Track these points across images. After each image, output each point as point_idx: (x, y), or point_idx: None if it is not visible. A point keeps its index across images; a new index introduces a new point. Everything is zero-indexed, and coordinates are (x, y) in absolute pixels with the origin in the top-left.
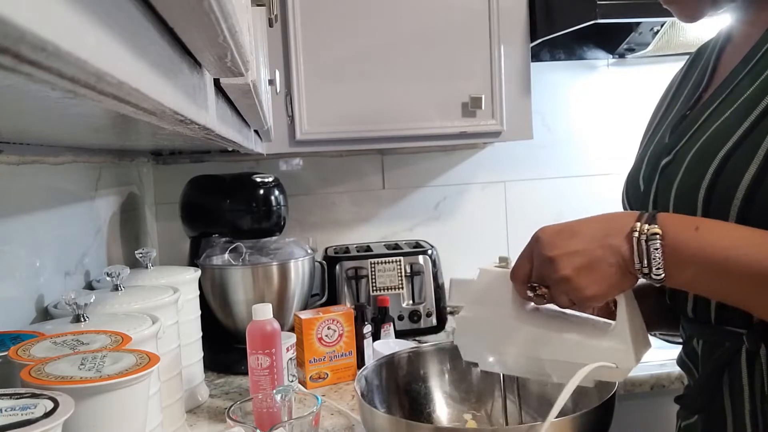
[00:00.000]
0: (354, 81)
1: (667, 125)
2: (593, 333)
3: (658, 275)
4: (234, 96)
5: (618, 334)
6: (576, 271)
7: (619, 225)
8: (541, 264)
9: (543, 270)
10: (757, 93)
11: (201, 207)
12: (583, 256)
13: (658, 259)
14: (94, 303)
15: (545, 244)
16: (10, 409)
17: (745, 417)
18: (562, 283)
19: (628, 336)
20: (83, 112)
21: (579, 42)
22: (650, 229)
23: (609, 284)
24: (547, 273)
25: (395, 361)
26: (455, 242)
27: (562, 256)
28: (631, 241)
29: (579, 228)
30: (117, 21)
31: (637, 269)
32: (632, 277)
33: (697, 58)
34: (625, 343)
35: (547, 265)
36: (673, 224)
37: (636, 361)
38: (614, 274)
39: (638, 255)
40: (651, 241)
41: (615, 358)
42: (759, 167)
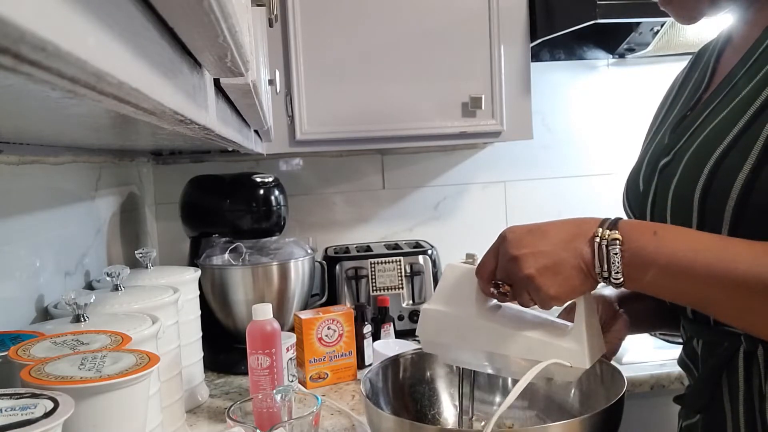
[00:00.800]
0: (354, 81)
1: (668, 126)
2: (551, 332)
3: (616, 279)
4: (234, 96)
5: (574, 335)
6: (539, 271)
7: (584, 229)
8: (506, 262)
9: (507, 268)
10: (752, 92)
11: (201, 207)
12: (547, 257)
13: (617, 264)
14: (94, 303)
15: (512, 243)
16: (10, 409)
17: (740, 416)
18: (524, 281)
19: (584, 338)
20: (83, 112)
21: (579, 42)
22: (611, 234)
23: (570, 286)
24: (511, 271)
25: (399, 363)
26: (455, 242)
27: (527, 255)
28: (593, 245)
29: (546, 230)
30: (117, 21)
31: (597, 273)
32: (592, 281)
33: (698, 59)
34: (580, 344)
35: (512, 263)
36: (632, 230)
37: (590, 363)
38: (576, 276)
39: (599, 259)
40: (611, 246)
41: (570, 358)
42: (753, 167)
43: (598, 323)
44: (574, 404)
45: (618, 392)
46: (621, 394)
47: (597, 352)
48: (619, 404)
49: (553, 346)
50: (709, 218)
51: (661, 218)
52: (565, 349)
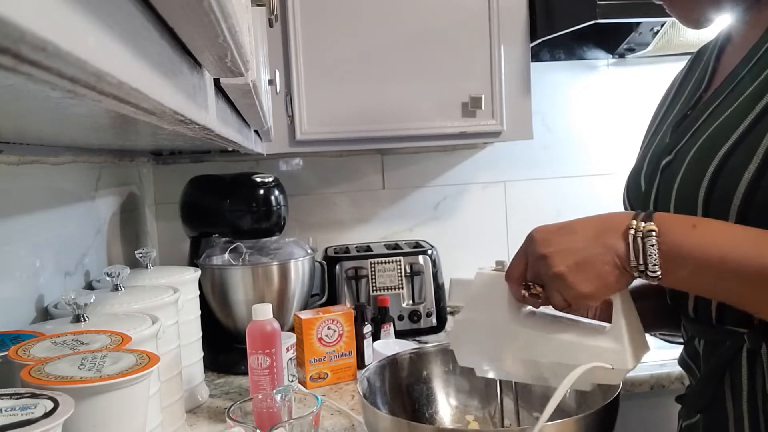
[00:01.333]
0: (354, 81)
1: (668, 125)
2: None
3: (654, 272)
4: (234, 96)
5: (613, 334)
6: (570, 268)
7: (615, 223)
8: (535, 262)
9: (537, 268)
10: (756, 92)
11: (201, 207)
12: (578, 254)
13: (654, 257)
14: (94, 303)
15: (539, 242)
16: (10, 409)
17: (744, 416)
18: (556, 280)
19: (624, 336)
20: (83, 112)
21: (579, 42)
22: (646, 226)
23: (604, 282)
24: (541, 271)
25: (397, 362)
26: (455, 242)
27: (556, 253)
28: (627, 238)
29: (574, 227)
30: (117, 21)
31: (633, 267)
32: (628, 276)
33: (697, 59)
34: (620, 344)
35: (541, 262)
36: (669, 222)
37: (633, 363)
38: (609, 272)
39: (634, 252)
40: (647, 238)
41: (611, 359)
42: (758, 166)
43: (638, 319)
44: (571, 404)
45: (613, 392)
46: (616, 394)
47: (640, 349)
48: (614, 404)
49: (591, 348)
50: (714, 216)
51: None
52: (604, 350)
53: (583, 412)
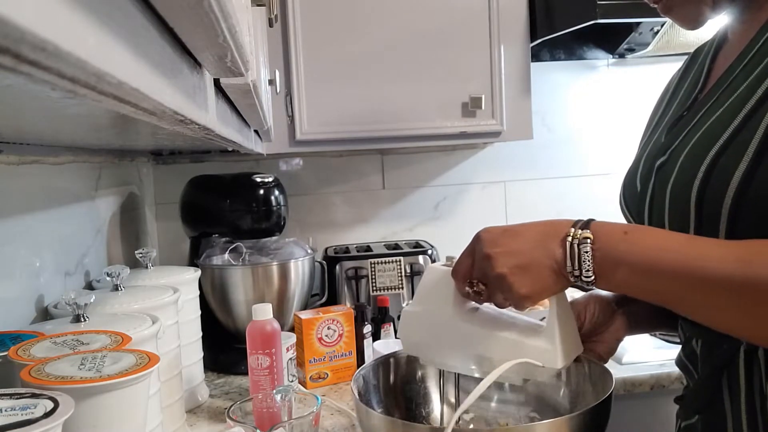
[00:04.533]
0: (354, 81)
1: (664, 126)
2: (525, 333)
3: (588, 277)
4: (234, 96)
5: (547, 335)
6: (511, 270)
7: (557, 230)
8: (480, 261)
9: (481, 267)
10: (747, 90)
11: (201, 207)
12: (520, 257)
13: (587, 262)
14: (94, 303)
15: (486, 242)
16: (10, 409)
17: (742, 416)
18: (497, 280)
19: (556, 337)
20: (83, 112)
21: (579, 42)
22: (582, 233)
23: (542, 285)
24: (485, 270)
25: (393, 361)
26: (455, 242)
27: (500, 254)
28: (564, 245)
29: (520, 230)
30: (117, 21)
31: (569, 272)
32: (564, 280)
33: (694, 59)
34: (552, 344)
35: (486, 262)
36: (603, 229)
37: (562, 362)
38: (548, 276)
39: (570, 258)
40: (582, 244)
41: (542, 358)
42: (749, 164)
43: (574, 323)
44: (564, 403)
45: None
46: (608, 393)
47: (572, 351)
48: (605, 403)
49: (526, 346)
50: (707, 216)
51: (659, 217)
52: (537, 349)
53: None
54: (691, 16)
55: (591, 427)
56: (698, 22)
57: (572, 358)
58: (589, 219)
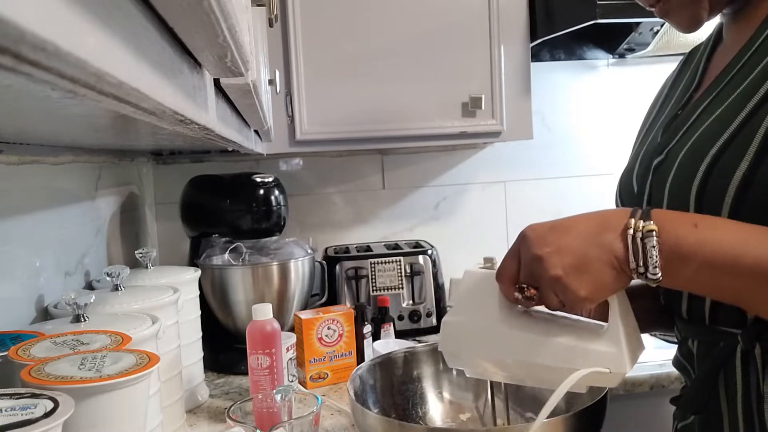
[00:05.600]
0: (354, 81)
1: (660, 125)
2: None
3: (654, 275)
4: (234, 96)
5: (610, 337)
6: (566, 270)
7: (613, 222)
8: (530, 263)
9: (531, 269)
10: (747, 90)
11: (201, 207)
12: (574, 255)
13: (654, 258)
14: (94, 303)
15: (534, 242)
16: (10, 409)
17: (739, 417)
18: (551, 282)
19: (621, 339)
20: (83, 112)
21: (579, 42)
22: (645, 225)
23: (601, 285)
24: (535, 272)
25: (390, 361)
26: (455, 242)
27: (552, 254)
28: (625, 239)
29: (570, 225)
30: (117, 21)
31: (632, 269)
32: (626, 277)
33: (688, 59)
34: (617, 347)
35: (536, 263)
36: (669, 220)
37: (630, 365)
38: (607, 273)
39: (633, 254)
40: (647, 238)
41: (607, 363)
42: (750, 164)
43: (635, 321)
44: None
45: (601, 391)
46: (603, 393)
47: (636, 352)
48: (600, 403)
49: (588, 351)
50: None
51: None
52: (601, 354)
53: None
54: (688, 19)
55: (586, 427)
56: (695, 24)
57: (638, 358)
58: (649, 208)
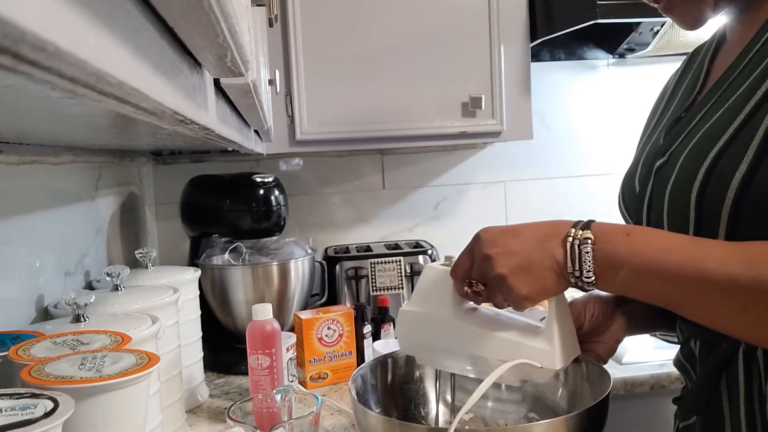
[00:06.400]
0: (354, 81)
1: (663, 127)
2: (523, 333)
3: (588, 278)
4: (234, 96)
5: (546, 336)
6: (512, 270)
7: (557, 230)
8: (480, 261)
9: (481, 267)
10: (747, 91)
11: (201, 207)
12: (520, 257)
13: (588, 263)
14: (94, 303)
15: (486, 242)
16: (10, 409)
17: (741, 418)
18: (497, 280)
19: (555, 338)
20: (83, 112)
21: (579, 42)
22: (583, 234)
23: (542, 286)
24: (484, 270)
25: (391, 361)
26: (455, 242)
27: (500, 254)
28: (565, 245)
29: (520, 230)
30: (117, 21)
31: (569, 273)
32: (564, 282)
33: (692, 60)
34: (551, 345)
35: (485, 262)
36: (605, 230)
37: (561, 363)
38: (548, 276)
39: (570, 259)
40: (583, 245)
41: (540, 358)
42: (749, 165)
43: (572, 324)
44: (562, 404)
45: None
46: (606, 394)
47: (570, 353)
48: (603, 404)
49: (524, 347)
50: (707, 218)
51: (658, 219)
52: (535, 350)
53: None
54: (691, 16)
55: (589, 428)
56: (698, 22)
57: (570, 359)
58: (590, 220)
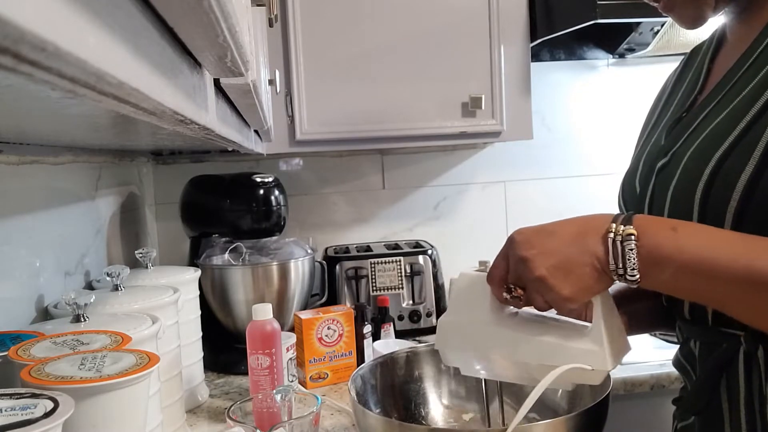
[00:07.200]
0: (354, 81)
1: (663, 127)
2: (570, 335)
3: (632, 276)
4: (234, 96)
5: (593, 336)
6: (550, 271)
7: (595, 226)
8: (516, 264)
9: (518, 270)
10: (752, 93)
11: (201, 207)
12: (558, 257)
13: (632, 260)
14: (94, 303)
15: (521, 245)
16: (10, 409)
17: (741, 418)
18: (536, 283)
19: (603, 338)
20: (83, 112)
21: (579, 42)
22: (625, 230)
23: (584, 285)
24: (522, 273)
25: (391, 361)
26: (455, 242)
27: (537, 255)
28: (606, 241)
29: (555, 229)
30: (117, 21)
31: (612, 270)
32: (607, 279)
33: (691, 59)
34: (599, 345)
35: (522, 265)
36: (649, 225)
37: (612, 364)
38: (589, 275)
39: (613, 256)
40: (626, 241)
41: (590, 360)
42: (755, 168)
43: (620, 321)
44: (562, 404)
45: (603, 392)
46: (606, 394)
47: (621, 351)
48: (603, 404)
49: (571, 349)
50: (710, 218)
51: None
52: (584, 351)
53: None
54: (691, 15)
55: (589, 428)
56: (699, 21)
57: (621, 357)
58: (631, 213)
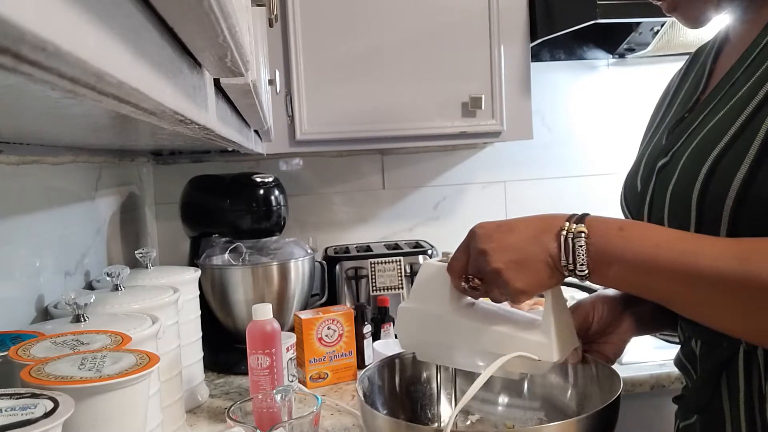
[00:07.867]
0: (354, 81)
1: (665, 127)
2: (521, 327)
3: (582, 272)
4: (234, 96)
5: (543, 328)
6: (507, 264)
7: (551, 224)
8: (476, 256)
9: (477, 262)
10: (749, 91)
11: (201, 207)
12: (515, 251)
13: (582, 257)
14: (94, 303)
15: (481, 238)
16: (10, 409)
17: (741, 417)
18: (493, 275)
19: (552, 331)
20: (83, 112)
21: (579, 42)
22: (577, 228)
23: (537, 280)
24: (480, 265)
25: (398, 362)
26: (455, 242)
27: (496, 249)
28: (559, 239)
29: (514, 225)
30: (117, 21)
31: (563, 266)
32: (559, 275)
33: (695, 60)
34: (548, 337)
35: (481, 257)
36: (598, 224)
37: (558, 356)
38: (543, 270)
39: (564, 252)
40: (577, 239)
41: (538, 351)
42: (750, 166)
43: (570, 317)
44: (572, 405)
45: (614, 393)
46: (616, 396)
47: (568, 345)
48: (614, 406)
49: (521, 340)
50: (708, 218)
51: (659, 218)
52: (533, 343)
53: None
54: (695, 15)
55: (599, 430)
56: (702, 20)
57: (568, 351)
58: (584, 213)
